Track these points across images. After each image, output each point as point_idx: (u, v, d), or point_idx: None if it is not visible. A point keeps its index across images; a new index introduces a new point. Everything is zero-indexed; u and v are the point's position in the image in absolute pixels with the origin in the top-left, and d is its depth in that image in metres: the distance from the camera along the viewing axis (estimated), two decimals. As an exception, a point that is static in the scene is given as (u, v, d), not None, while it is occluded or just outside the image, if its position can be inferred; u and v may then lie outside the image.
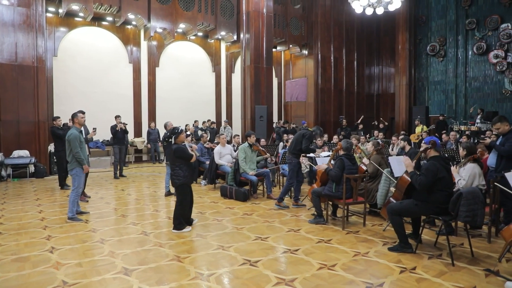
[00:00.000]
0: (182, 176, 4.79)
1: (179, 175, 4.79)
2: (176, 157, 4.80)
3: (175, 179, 4.84)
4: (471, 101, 14.35)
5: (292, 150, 6.15)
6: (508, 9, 13.12)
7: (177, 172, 4.80)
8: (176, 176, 4.81)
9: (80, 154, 5.36)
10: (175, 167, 4.84)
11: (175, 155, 4.79)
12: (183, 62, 14.24)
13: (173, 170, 4.86)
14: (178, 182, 4.82)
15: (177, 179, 4.82)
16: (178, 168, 4.80)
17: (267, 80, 10.62)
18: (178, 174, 4.79)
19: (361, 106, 17.37)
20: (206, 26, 13.17)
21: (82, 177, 5.51)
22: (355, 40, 16.86)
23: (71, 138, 5.35)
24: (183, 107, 14.16)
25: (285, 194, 6.25)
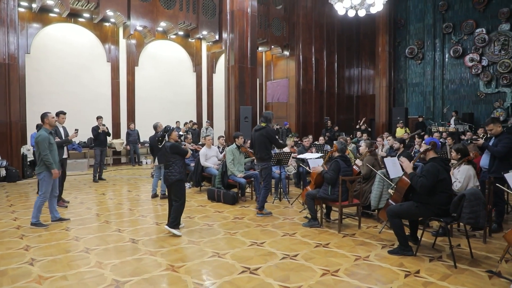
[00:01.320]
0: (178, 172, 4.70)
1: (175, 171, 4.70)
2: (172, 153, 4.72)
3: (170, 175, 4.70)
4: (448, 103, 14.73)
5: (260, 156, 5.64)
6: (482, 15, 13.56)
7: (172, 168, 4.71)
8: (172, 173, 4.70)
9: (49, 157, 4.98)
10: (170, 164, 4.72)
11: (171, 151, 4.72)
12: (163, 61, 13.87)
13: (168, 167, 4.75)
14: (174, 178, 4.68)
15: (173, 175, 4.69)
16: (174, 164, 4.72)
17: (251, 80, 10.46)
18: (174, 170, 4.70)
19: (342, 108, 17.52)
20: (188, 25, 12.87)
21: (51, 182, 5.11)
22: (336, 42, 16.99)
23: (39, 140, 5.00)
24: (163, 107, 13.78)
25: (265, 201, 5.81)
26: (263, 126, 5.63)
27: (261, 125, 5.66)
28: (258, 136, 5.65)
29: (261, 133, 5.61)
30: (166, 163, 4.81)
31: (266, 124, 5.65)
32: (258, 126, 5.73)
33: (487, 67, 13.47)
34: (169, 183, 4.76)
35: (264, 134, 5.57)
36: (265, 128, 5.59)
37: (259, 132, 5.64)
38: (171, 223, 4.75)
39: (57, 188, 5.45)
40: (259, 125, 5.72)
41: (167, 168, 4.79)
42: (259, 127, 5.67)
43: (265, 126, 5.61)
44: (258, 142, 5.64)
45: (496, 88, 13.31)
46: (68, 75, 11.66)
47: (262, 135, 5.59)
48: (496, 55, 13.19)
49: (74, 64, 11.75)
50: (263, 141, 5.57)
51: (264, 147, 5.61)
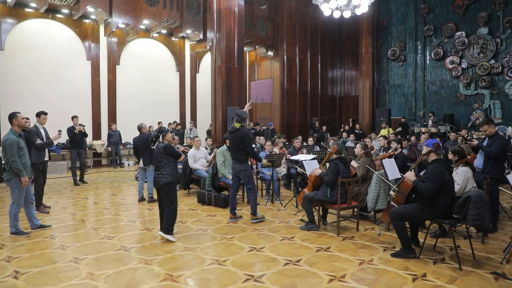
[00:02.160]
0: (169, 174, 4.53)
1: (166, 173, 4.52)
2: (165, 154, 4.57)
3: (161, 178, 4.51)
4: (429, 104, 15.02)
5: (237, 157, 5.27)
6: (462, 18, 13.90)
7: (164, 170, 4.54)
8: (163, 175, 4.52)
9: (18, 163, 4.52)
10: (161, 166, 4.55)
11: (164, 152, 4.57)
12: (145, 60, 13.48)
13: (159, 169, 4.55)
14: (165, 180, 4.50)
15: (164, 177, 4.51)
16: (166, 166, 4.56)
17: (238, 80, 10.28)
18: (165, 172, 4.53)
19: (325, 108, 17.60)
20: (171, 23, 12.56)
21: (23, 189, 4.68)
22: (319, 43, 17.04)
23: (7, 144, 4.54)
24: (145, 107, 13.39)
25: (256, 205, 5.45)
26: (238, 128, 5.24)
27: (235, 127, 5.26)
28: (232, 139, 5.30)
29: (235, 136, 5.23)
30: (157, 164, 4.61)
31: (240, 124, 5.25)
32: (232, 128, 5.30)
33: (467, 69, 13.81)
34: (159, 186, 4.56)
35: (239, 137, 5.20)
36: (240, 131, 5.20)
37: (234, 135, 5.26)
38: (165, 229, 4.54)
39: (32, 194, 5.06)
40: (233, 126, 5.31)
41: (157, 170, 4.59)
42: (234, 129, 5.27)
43: (240, 128, 5.23)
44: (234, 144, 5.28)
45: (475, 90, 13.67)
46: (46, 73, 11.13)
47: (236, 137, 5.22)
48: (475, 58, 13.54)
49: (52, 62, 11.22)
50: (238, 143, 5.22)
51: (241, 148, 5.24)
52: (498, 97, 13.18)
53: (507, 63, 12.79)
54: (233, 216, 5.49)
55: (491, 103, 13.30)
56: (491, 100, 13.32)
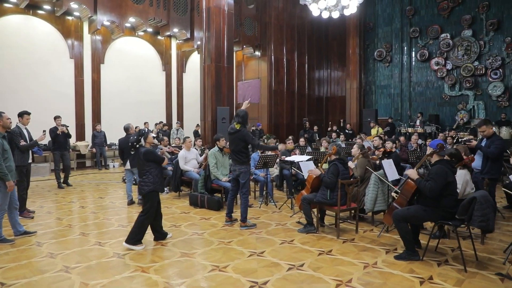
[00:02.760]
0: (151, 182, 4.26)
1: (149, 181, 4.25)
2: (146, 161, 4.25)
3: (143, 185, 4.26)
4: (415, 104, 15.22)
5: (238, 158, 5.05)
6: (447, 20, 14.13)
7: (146, 178, 4.26)
8: (145, 183, 4.25)
9: (3, 167, 4.26)
10: (144, 173, 4.27)
11: (145, 158, 4.25)
12: (131, 59, 13.14)
13: (142, 176, 4.28)
14: (147, 188, 4.24)
15: (146, 186, 4.25)
16: (148, 173, 4.27)
17: (228, 80, 10.11)
18: (148, 180, 4.26)
19: (312, 109, 17.61)
20: (158, 22, 12.28)
21: (7, 193, 4.40)
22: (306, 43, 17.05)
23: None
24: (131, 107, 13.05)
25: (247, 211, 5.18)
26: (238, 128, 5.00)
27: (235, 127, 5.02)
28: (233, 140, 5.07)
29: (236, 137, 5.02)
30: (140, 171, 4.33)
31: (241, 125, 5.02)
32: (232, 129, 5.06)
33: (451, 70, 14.05)
34: (142, 194, 4.33)
35: (240, 138, 4.99)
36: (241, 132, 4.98)
37: (234, 136, 5.04)
38: (130, 238, 4.21)
39: (16, 199, 4.78)
40: (233, 127, 5.06)
41: (141, 176, 4.32)
42: (234, 130, 5.03)
43: (240, 129, 5.00)
44: (234, 145, 5.06)
45: (459, 91, 13.92)
46: (26, 72, 10.66)
47: (237, 139, 5.01)
48: (459, 59, 13.79)
49: (32, 60, 10.76)
50: (239, 144, 5.02)
51: (241, 149, 5.05)
52: (481, 98, 13.46)
53: (490, 65, 13.07)
54: (229, 219, 5.33)
55: (475, 104, 13.57)
56: (475, 101, 13.59)
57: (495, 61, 12.96)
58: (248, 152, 5.15)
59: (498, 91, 12.95)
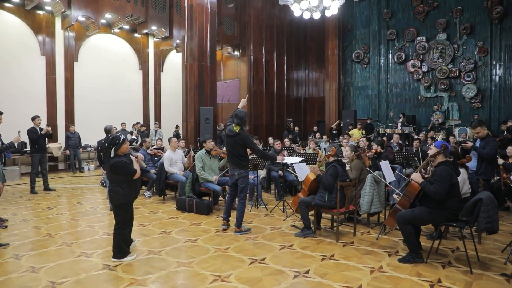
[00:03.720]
0: (121, 195, 3.83)
1: (118, 193, 3.83)
2: (114, 174, 3.81)
3: (113, 196, 3.87)
4: (392, 105, 15.53)
5: (236, 162, 4.79)
6: (422, 24, 14.51)
7: (115, 189, 3.83)
8: (115, 194, 3.84)
9: None
10: (113, 184, 3.85)
11: (112, 171, 3.79)
12: (106, 57, 12.60)
13: (111, 186, 3.87)
14: (117, 201, 3.86)
15: (115, 198, 3.85)
16: (117, 185, 3.83)
17: (211, 80, 9.85)
18: (117, 191, 3.83)
19: (290, 109, 17.61)
20: (136, 19, 11.84)
21: None
22: (285, 44, 17.02)
23: None
24: (107, 108, 12.51)
25: (243, 217, 4.96)
26: (238, 131, 4.71)
27: (234, 130, 4.72)
28: (232, 144, 4.77)
29: (236, 141, 4.72)
30: (110, 179, 3.90)
31: (240, 127, 4.74)
32: (231, 131, 4.74)
33: (427, 72, 14.43)
34: (113, 204, 3.94)
35: (240, 142, 4.72)
36: (240, 135, 4.70)
37: (233, 139, 4.74)
38: (115, 253, 3.90)
39: None
40: (231, 129, 4.73)
41: (110, 186, 3.90)
42: (233, 133, 4.72)
43: (240, 132, 4.71)
44: (233, 149, 4.79)
45: (435, 93, 14.32)
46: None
47: (237, 143, 4.73)
48: (435, 62, 14.18)
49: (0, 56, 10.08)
50: (238, 148, 4.76)
51: (241, 153, 4.80)
52: (455, 100, 13.90)
53: (463, 67, 13.52)
54: (227, 222, 5.10)
55: (450, 105, 13.99)
56: (449, 102, 14.02)
57: (468, 64, 13.42)
58: (247, 156, 4.93)
59: (471, 93, 13.41)
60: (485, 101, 13.23)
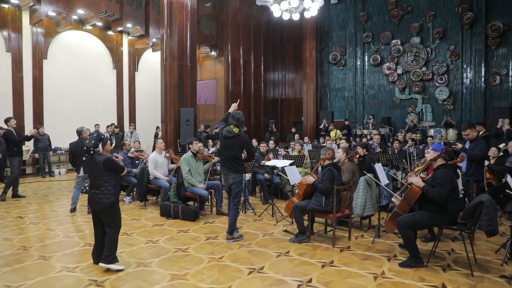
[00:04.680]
0: (112, 194, 3.76)
1: (109, 193, 3.74)
2: (106, 170, 3.73)
3: (103, 198, 3.70)
4: (368, 107, 15.78)
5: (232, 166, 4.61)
6: (397, 27, 14.84)
7: (106, 188, 3.73)
8: (105, 195, 3.72)
9: None
10: (102, 184, 3.73)
11: (105, 167, 3.72)
12: (78, 55, 11.98)
13: (99, 187, 3.73)
14: (109, 201, 3.73)
15: (107, 198, 3.72)
16: (107, 183, 3.74)
17: (191, 79, 9.55)
18: (108, 191, 3.73)
19: (267, 111, 17.53)
20: (110, 15, 11.33)
21: None
22: (262, 44, 16.94)
23: None
24: (78, 108, 11.91)
25: (235, 224, 4.76)
26: (237, 133, 4.57)
27: (233, 131, 4.56)
28: (230, 145, 4.59)
29: (234, 142, 4.55)
30: (95, 181, 3.75)
31: (239, 129, 4.59)
32: (230, 132, 4.57)
33: (402, 75, 14.76)
34: (100, 207, 3.73)
35: (240, 144, 4.58)
36: (240, 137, 4.57)
37: (232, 141, 4.56)
38: (107, 257, 3.71)
39: None
40: (230, 130, 4.57)
41: (95, 188, 3.74)
42: (232, 134, 4.56)
43: (240, 133, 4.57)
44: (230, 151, 4.60)
45: (409, 95, 14.67)
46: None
47: (236, 145, 4.56)
48: (409, 64, 14.53)
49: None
50: (237, 150, 4.60)
51: (238, 156, 4.64)
52: (429, 102, 14.30)
53: (436, 70, 13.93)
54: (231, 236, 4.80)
55: (423, 107, 14.38)
56: (423, 104, 14.40)
57: (441, 67, 13.84)
58: (242, 159, 4.74)
59: (443, 95, 13.84)
60: (457, 103, 13.69)
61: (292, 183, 5.70)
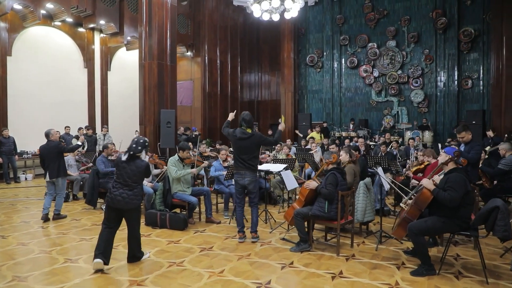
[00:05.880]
0: (141, 196, 4.13)
1: (139, 194, 4.02)
2: (144, 174, 4.05)
3: (134, 199, 3.91)
4: (345, 109, 15.89)
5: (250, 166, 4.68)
6: (373, 31, 15.05)
7: (138, 191, 3.99)
8: (136, 196, 3.95)
9: None
10: (136, 186, 3.94)
11: (146, 172, 4.05)
12: (46, 52, 11.19)
13: (133, 189, 3.91)
14: (139, 202, 4.02)
15: (137, 199, 3.97)
16: (140, 186, 4.05)
17: (171, 80, 9.12)
18: (139, 193, 4.02)
19: (245, 113, 17.24)
20: (82, 11, 10.65)
21: None
22: (239, 45, 16.68)
23: None
24: (46, 109, 11.13)
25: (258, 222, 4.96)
26: (252, 132, 4.71)
27: (248, 132, 4.70)
28: (248, 146, 4.68)
29: (251, 142, 4.66)
30: (131, 183, 3.90)
31: (251, 130, 4.79)
32: (244, 134, 4.69)
33: (378, 78, 14.98)
34: (131, 207, 3.90)
35: (256, 142, 4.70)
36: (255, 135, 4.71)
37: (249, 141, 4.66)
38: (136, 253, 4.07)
39: None
40: (244, 131, 4.70)
41: (130, 189, 3.88)
42: (247, 135, 4.67)
43: (254, 133, 4.74)
44: (249, 152, 4.69)
45: (385, 97, 14.90)
46: None
47: (253, 143, 4.68)
48: (385, 67, 14.77)
49: None
50: (254, 149, 4.73)
51: (256, 154, 4.80)
52: (404, 104, 14.59)
53: (412, 74, 14.24)
54: (243, 235, 4.83)
55: (399, 109, 14.66)
56: (399, 106, 14.68)
57: (416, 71, 14.16)
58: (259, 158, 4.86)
59: (418, 98, 14.16)
60: (431, 106, 14.05)
61: (289, 188, 5.47)
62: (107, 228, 3.90)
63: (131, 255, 4.04)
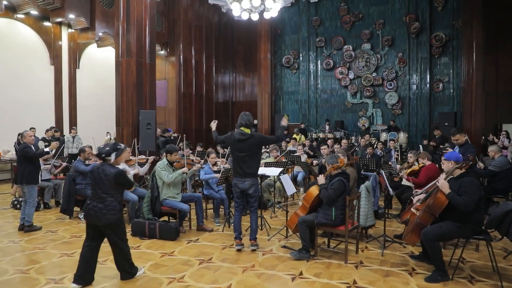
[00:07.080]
0: (118, 210, 3.49)
1: (114, 208, 3.45)
2: (116, 184, 3.47)
3: (107, 214, 3.38)
4: (321, 111, 15.97)
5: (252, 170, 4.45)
6: (349, 33, 15.22)
7: (111, 204, 3.43)
8: (109, 210, 3.41)
9: None
10: (107, 197, 3.42)
11: (116, 181, 3.44)
12: (8, 48, 10.33)
13: (104, 201, 3.41)
14: (114, 217, 3.43)
15: (111, 214, 3.41)
16: (113, 198, 3.46)
17: (150, 78, 8.64)
18: (114, 206, 3.45)
19: (219, 113, 16.92)
20: (49, 3, 9.90)
21: None
22: (214, 45, 16.32)
23: None
24: (7, 109, 10.25)
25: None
26: (251, 133, 4.44)
27: (246, 132, 4.42)
28: (249, 147, 4.40)
29: (252, 143, 4.38)
30: (101, 194, 3.43)
31: (250, 130, 4.51)
32: (244, 135, 4.40)
33: (354, 80, 15.16)
34: (103, 223, 3.40)
35: (257, 142, 4.46)
36: (254, 137, 4.43)
37: (249, 142, 4.38)
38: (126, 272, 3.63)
39: None
40: (243, 132, 4.41)
41: (101, 201, 3.41)
42: (247, 136, 4.40)
43: (253, 133, 4.48)
44: (250, 155, 4.42)
45: (360, 99, 15.11)
46: None
47: (254, 144, 4.40)
48: (360, 70, 14.98)
49: None
50: (256, 151, 4.47)
51: (258, 155, 4.57)
52: (379, 106, 14.86)
53: (386, 76, 14.53)
54: (240, 242, 4.55)
55: (374, 111, 14.91)
56: (373, 108, 14.93)
57: (390, 73, 14.47)
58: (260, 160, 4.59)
59: (393, 100, 14.47)
60: (404, 108, 14.40)
61: (289, 193, 5.27)
62: (87, 246, 3.50)
63: (123, 271, 3.64)
